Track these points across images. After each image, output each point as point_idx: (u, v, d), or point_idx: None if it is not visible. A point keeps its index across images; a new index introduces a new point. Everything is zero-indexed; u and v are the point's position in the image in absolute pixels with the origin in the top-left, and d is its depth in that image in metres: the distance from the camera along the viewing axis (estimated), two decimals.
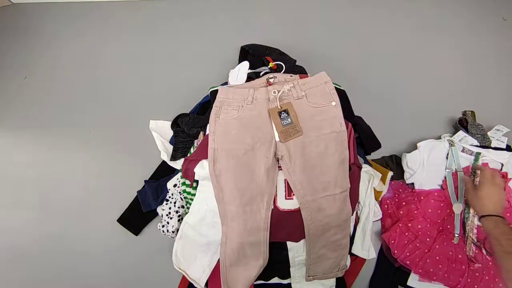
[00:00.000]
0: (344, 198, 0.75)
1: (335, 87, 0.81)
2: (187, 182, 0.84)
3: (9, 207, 0.98)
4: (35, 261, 0.93)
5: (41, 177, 1.00)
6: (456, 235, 0.81)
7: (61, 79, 1.12)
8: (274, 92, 0.78)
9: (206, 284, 0.80)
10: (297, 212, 0.74)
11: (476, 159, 0.86)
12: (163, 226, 0.86)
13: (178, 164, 0.90)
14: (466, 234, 0.82)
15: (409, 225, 0.85)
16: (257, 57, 0.97)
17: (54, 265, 0.92)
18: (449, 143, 0.89)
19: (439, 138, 0.95)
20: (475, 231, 0.81)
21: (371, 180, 0.85)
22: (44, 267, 0.92)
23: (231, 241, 0.75)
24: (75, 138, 1.04)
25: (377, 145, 0.93)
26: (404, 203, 0.88)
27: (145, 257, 0.91)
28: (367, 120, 0.94)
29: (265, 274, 0.78)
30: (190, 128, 0.88)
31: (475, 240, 0.81)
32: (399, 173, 0.93)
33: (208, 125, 0.80)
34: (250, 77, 0.87)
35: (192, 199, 0.83)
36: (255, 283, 0.78)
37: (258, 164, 0.75)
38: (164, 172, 0.94)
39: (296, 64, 0.95)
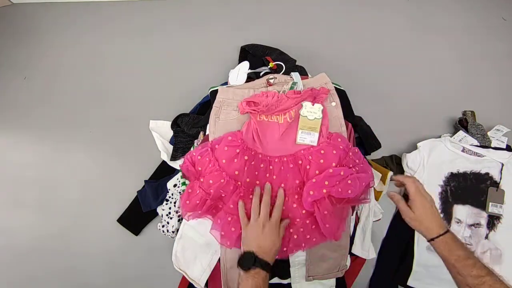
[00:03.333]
0: None
1: (335, 87, 0.81)
2: (187, 182, 0.84)
3: (9, 207, 0.98)
4: (35, 261, 0.93)
5: (41, 177, 1.00)
6: None
7: (61, 80, 1.12)
8: None
9: (206, 284, 0.79)
10: None
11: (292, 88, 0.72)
12: (163, 226, 0.86)
13: (178, 164, 0.90)
14: None
15: (201, 180, 0.70)
16: (257, 57, 0.97)
17: (54, 265, 0.92)
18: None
19: (439, 137, 0.95)
20: None
21: None
22: (44, 267, 0.92)
23: None
24: (75, 138, 1.04)
25: (377, 145, 0.93)
26: (199, 157, 0.72)
27: (145, 257, 0.91)
28: (367, 120, 0.94)
29: None
30: (190, 128, 0.88)
31: None
32: (399, 173, 0.93)
33: (208, 125, 0.80)
34: (250, 77, 0.87)
35: None
36: None
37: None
38: (164, 172, 0.94)
39: (297, 64, 0.95)
